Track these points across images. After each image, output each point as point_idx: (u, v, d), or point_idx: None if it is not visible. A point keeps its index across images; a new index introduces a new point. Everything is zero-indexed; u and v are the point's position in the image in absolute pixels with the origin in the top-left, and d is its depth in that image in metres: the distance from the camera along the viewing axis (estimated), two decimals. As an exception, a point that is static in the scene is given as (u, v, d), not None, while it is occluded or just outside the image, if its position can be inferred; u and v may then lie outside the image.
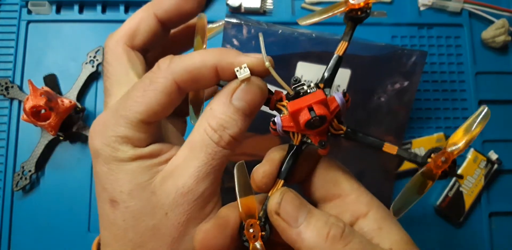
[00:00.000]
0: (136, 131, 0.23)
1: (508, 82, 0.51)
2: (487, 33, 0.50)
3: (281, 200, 0.23)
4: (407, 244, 0.23)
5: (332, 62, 0.25)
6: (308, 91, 0.23)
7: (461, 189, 0.46)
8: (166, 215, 0.22)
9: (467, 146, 0.22)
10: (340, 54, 0.25)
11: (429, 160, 0.22)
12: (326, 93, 0.24)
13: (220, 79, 0.24)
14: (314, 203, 0.25)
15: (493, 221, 0.48)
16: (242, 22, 0.46)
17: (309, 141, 0.24)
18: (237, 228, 0.23)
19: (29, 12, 0.50)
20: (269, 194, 0.24)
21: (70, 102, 0.44)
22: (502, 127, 0.50)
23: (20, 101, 0.48)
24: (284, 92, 0.24)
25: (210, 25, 0.50)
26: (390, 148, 0.23)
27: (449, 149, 0.22)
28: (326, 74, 0.25)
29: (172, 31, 0.29)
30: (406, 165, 0.47)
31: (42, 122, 0.43)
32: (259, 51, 0.24)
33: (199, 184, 0.22)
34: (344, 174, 0.25)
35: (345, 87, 0.43)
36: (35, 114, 0.43)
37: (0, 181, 0.47)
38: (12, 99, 0.48)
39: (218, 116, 0.23)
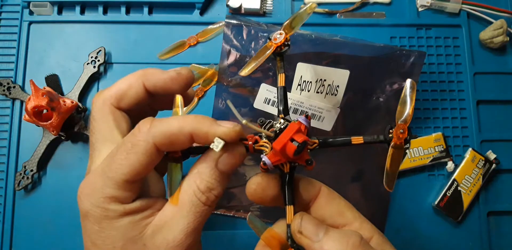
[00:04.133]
0: (122, 190, 0.25)
1: (506, 82, 0.51)
2: (485, 34, 0.50)
3: (302, 220, 0.26)
4: None
5: (279, 94, 0.29)
6: (282, 127, 0.27)
7: (459, 188, 0.47)
8: None
9: (412, 115, 0.28)
10: (283, 84, 0.29)
11: (390, 135, 0.27)
12: (290, 119, 0.28)
13: (194, 142, 0.26)
14: None
15: (491, 220, 0.48)
16: (242, 23, 0.46)
17: (296, 164, 0.28)
18: None
19: (31, 13, 0.51)
20: (288, 222, 0.28)
21: (72, 102, 0.45)
22: (500, 127, 0.50)
23: (22, 102, 0.48)
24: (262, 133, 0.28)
25: (211, 26, 0.51)
26: (357, 140, 0.28)
27: (400, 121, 0.27)
28: (281, 107, 0.29)
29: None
30: (404, 165, 0.47)
31: (44, 122, 0.43)
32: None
33: (187, 238, 0.25)
34: (346, 204, 0.29)
35: (344, 88, 0.44)
36: (37, 115, 0.43)
37: (2, 181, 0.47)
38: (14, 100, 0.49)
39: (206, 179, 0.26)
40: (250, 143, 0.27)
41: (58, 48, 0.50)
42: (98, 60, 0.48)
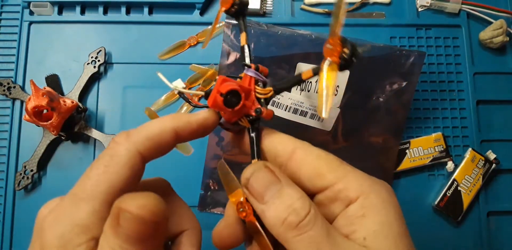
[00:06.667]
0: (98, 217, 0.20)
1: (505, 82, 0.51)
2: (485, 34, 0.50)
3: (250, 176, 0.22)
4: (387, 238, 0.21)
5: (246, 51, 0.28)
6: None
7: (459, 188, 0.47)
8: None
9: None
10: (245, 43, 0.28)
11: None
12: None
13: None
14: (310, 194, 0.24)
15: (491, 220, 0.48)
16: (242, 23, 0.46)
17: (251, 117, 0.25)
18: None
19: (31, 13, 0.51)
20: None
21: (72, 102, 0.45)
22: (500, 127, 0.50)
23: (22, 102, 0.48)
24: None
25: (210, 26, 0.51)
26: (307, 74, 0.25)
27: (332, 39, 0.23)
28: (248, 61, 0.28)
29: None
30: (403, 165, 0.47)
31: (44, 122, 0.43)
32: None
33: None
34: (328, 163, 0.24)
35: (344, 88, 0.44)
36: (37, 115, 0.43)
37: (2, 180, 0.47)
38: (14, 100, 0.49)
39: None
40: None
41: (58, 48, 0.50)
42: (98, 60, 0.48)
